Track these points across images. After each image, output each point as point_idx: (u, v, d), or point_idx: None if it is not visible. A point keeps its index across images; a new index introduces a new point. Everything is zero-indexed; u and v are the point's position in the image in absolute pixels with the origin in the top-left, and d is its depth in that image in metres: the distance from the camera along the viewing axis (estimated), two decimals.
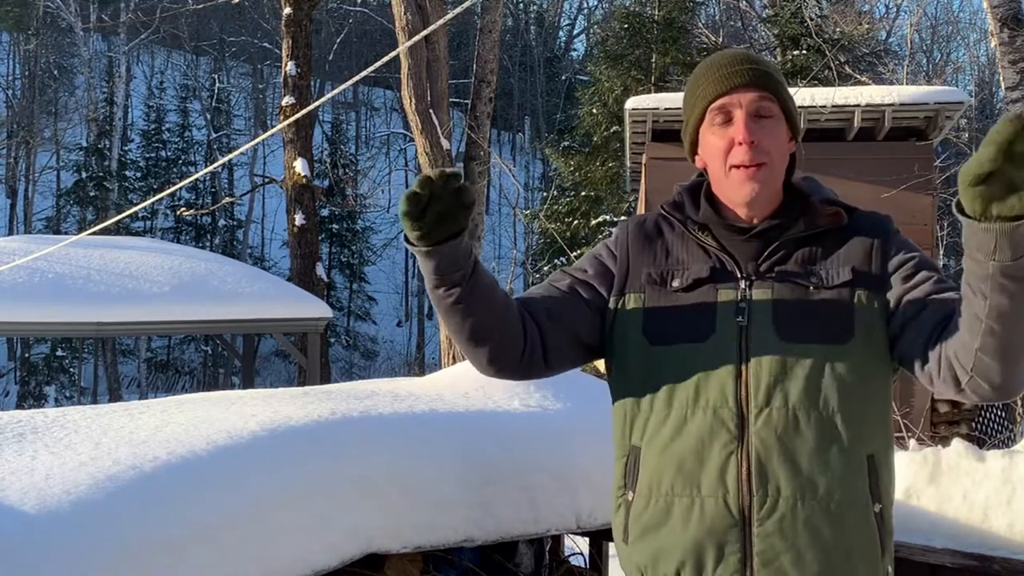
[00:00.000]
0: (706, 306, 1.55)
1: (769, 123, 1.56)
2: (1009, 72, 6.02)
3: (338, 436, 2.37)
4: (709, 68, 1.60)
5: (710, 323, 1.54)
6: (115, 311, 10.52)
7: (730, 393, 1.50)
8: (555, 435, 2.71)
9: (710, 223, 1.60)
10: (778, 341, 1.50)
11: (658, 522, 1.54)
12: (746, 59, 1.59)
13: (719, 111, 1.57)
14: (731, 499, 1.48)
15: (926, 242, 9.34)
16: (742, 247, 1.58)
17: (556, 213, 20.28)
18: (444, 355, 10.36)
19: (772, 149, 1.55)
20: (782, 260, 1.56)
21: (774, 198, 1.60)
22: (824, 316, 1.51)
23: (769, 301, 1.53)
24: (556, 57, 45.10)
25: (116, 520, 1.81)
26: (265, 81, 38.53)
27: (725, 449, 1.49)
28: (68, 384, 25.51)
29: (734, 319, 1.53)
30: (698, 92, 1.60)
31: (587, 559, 3.28)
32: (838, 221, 1.58)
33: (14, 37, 37.10)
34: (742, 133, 1.53)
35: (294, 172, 13.85)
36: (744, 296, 1.54)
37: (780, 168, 1.59)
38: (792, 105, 1.61)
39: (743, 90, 1.55)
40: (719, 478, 1.49)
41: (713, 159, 1.59)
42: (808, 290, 1.52)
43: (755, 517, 1.47)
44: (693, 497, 1.50)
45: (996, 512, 2.65)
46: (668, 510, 1.52)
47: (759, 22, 20.67)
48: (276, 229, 32.91)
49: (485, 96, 11.42)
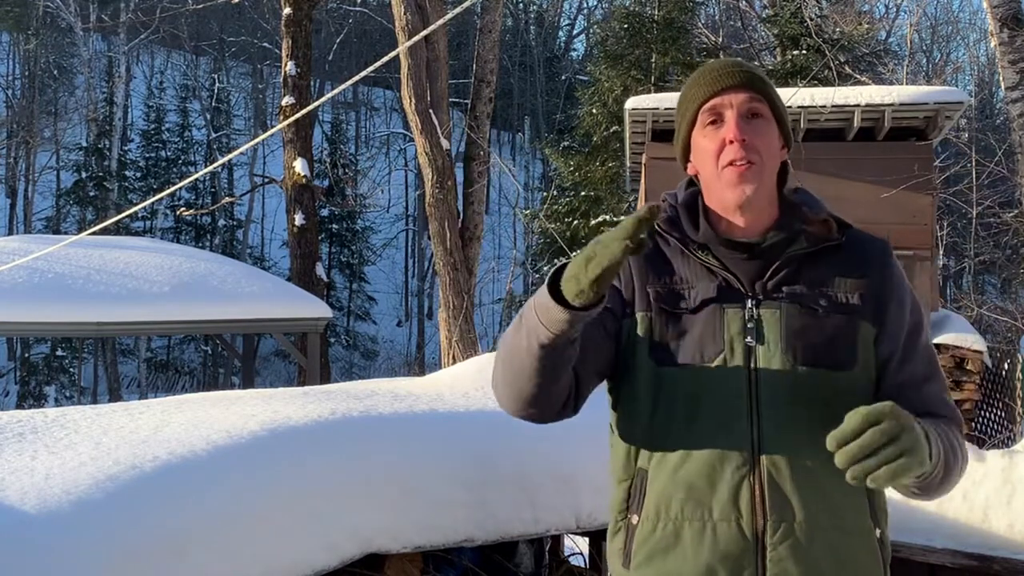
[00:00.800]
0: (714, 327, 1.52)
1: (760, 123, 1.55)
2: (1009, 72, 6.02)
3: (338, 436, 2.37)
4: (700, 74, 1.61)
5: (719, 344, 1.52)
6: (115, 311, 10.52)
7: (743, 416, 1.48)
8: (555, 435, 2.71)
9: (710, 243, 1.57)
10: (788, 363, 1.49)
11: (667, 546, 1.51)
12: (737, 64, 1.59)
13: (710, 112, 1.56)
14: (745, 523, 1.46)
15: (926, 242, 9.34)
16: (744, 265, 1.56)
17: (556, 213, 20.28)
18: (444, 355, 10.36)
19: (763, 149, 1.54)
20: (788, 279, 1.54)
21: (770, 208, 1.58)
22: (832, 340, 1.51)
23: (778, 322, 1.51)
24: (556, 57, 45.09)
25: (116, 520, 1.81)
26: (265, 81, 38.53)
27: (738, 472, 1.47)
28: (68, 384, 25.50)
29: (743, 340, 1.51)
30: (689, 96, 1.60)
31: (587, 559, 3.28)
32: (829, 235, 1.57)
33: (14, 37, 37.09)
34: (733, 131, 1.52)
35: (294, 172, 13.85)
36: (752, 316, 1.52)
37: (771, 170, 1.57)
38: (784, 112, 1.60)
39: (734, 91, 1.55)
40: (732, 502, 1.47)
41: (705, 162, 1.58)
42: (817, 313, 1.52)
43: (768, 541, 1.45)
44: (704, 521, 1.48)
45: (996, 512, 2.65)
46: (678, 534, 1.50)
47: (759, 22, 20.67)
48: (276, 229, 32.91)
49: (485, 96, 11.42)
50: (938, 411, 1.55)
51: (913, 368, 1.55)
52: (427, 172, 10.29)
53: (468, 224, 10.79)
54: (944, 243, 21.59)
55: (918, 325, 1.58)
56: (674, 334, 1.55)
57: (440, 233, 10.25)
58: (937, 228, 11.47)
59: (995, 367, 9.70)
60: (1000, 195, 16.19)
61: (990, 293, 26.04)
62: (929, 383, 1.57)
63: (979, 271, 26.37)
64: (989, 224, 17.80)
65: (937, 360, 1.62)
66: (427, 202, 10.43)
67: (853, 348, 1.51)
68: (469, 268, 10.50)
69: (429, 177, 10.27)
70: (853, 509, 1.49)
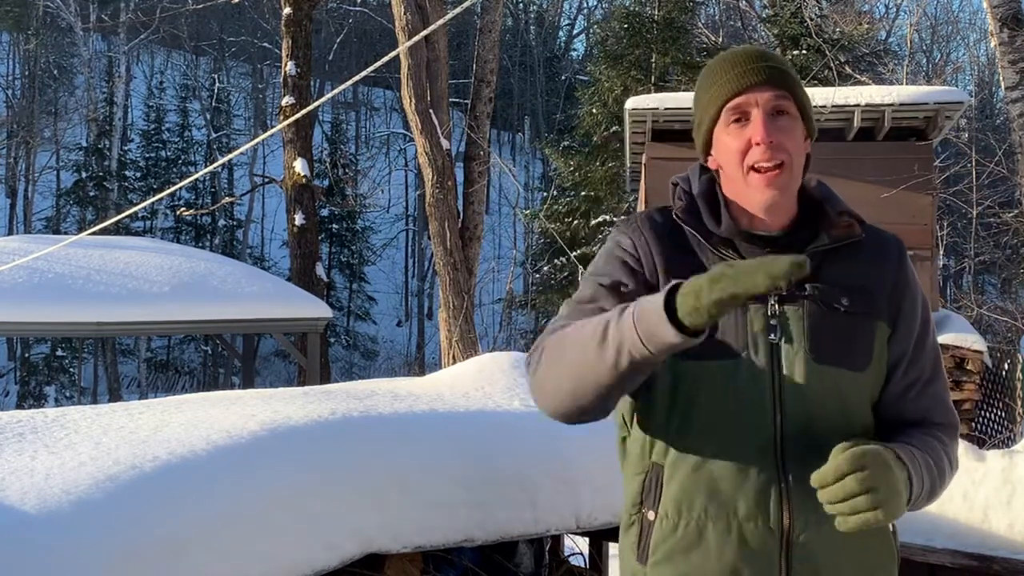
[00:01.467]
0: (736, 322, 1.49)
1: (787, 121, 1.51)
2: (1009, 72, 6.02)
3: (338, 436, 2.37)
4: (723, 66, 1.54)
5: (742, 340, 1.49)
6: (115, 311, 10.53)
7: (767, 414, 1.47)
8: (555, 435, 2.71)
9: (734, 237, 1.54)
10: (811, 362, 1.47)
11: (688, 545, 1.49)
12: (761, 56, 1.54)
13: (735, 110, 1.51)
14: (773, 523, 1.45)
15: (926, 242, 9.34)
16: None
17: (556, 213, 20.28)
18: (444, 355, 10.36)
19: (791, 149, 1.50)
20: (810, 276, 1.49)
21: (792, 203, 1.56)
22: (852, 340, 1.50)
23: (801, 319, 1.49)
24: (556, 57, 45.08)
25: (116, 520, 1.81)
26: (265, 81, 38.52)
27: (764, 473, 1.46)
28: (68, 384, 25.50)
29: (766, 336, 1.48)
30: (712, 91, 1.54)
31: (587, 559, 3.28)
32: (853, 233, 1.55)
33: (14, 37, 37.07)
34: (760, 133, 1.48)
35: (294, 172, 13.86)
36: (775, 312, 1.49)
37: (799, 169, 1.54)
38: (808, 104, 1.56)
39: (760, 88, 1.50)
40: (758, 502, 1.46)
41: (729, 161, 1.53)
42: (839, 311, 1.50)
43: (795, 540, 1.45)
44: (730, 521, 1.46)
45: (996, 512, 2.65)
46: (701, 533, 1.48)
47: (759, 22, 20.66)
48: (276, 229, 32.90)
49: (485, 96, 11.43)
50: (936, 416, 1.56)
51: (920, 369, 1.55)
52: (427, 172, 10.30)
53: (468, 224, 10.79)
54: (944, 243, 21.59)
55: (927, 324, 1.57)
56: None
57: (440, 233, 10.25)
58: (937, 228, 11.47)
59: (995, 367, 9.70)
60: (1000, 195, 16.19)
61: (990, 293, 26.03)
62: (932, 384, 1.56)
63: (979, 271, 26.37)
64: (989, 224, 17.80)
65: (941, 360, 1.61)
66: (427, 202, 10.43)
67: (870, 347, 1.51)
68: (469, 268, 10.50)
69: (429, 177, 10.27)
70: None
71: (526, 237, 28.63)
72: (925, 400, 1.55)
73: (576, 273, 18.05)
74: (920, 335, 1.56)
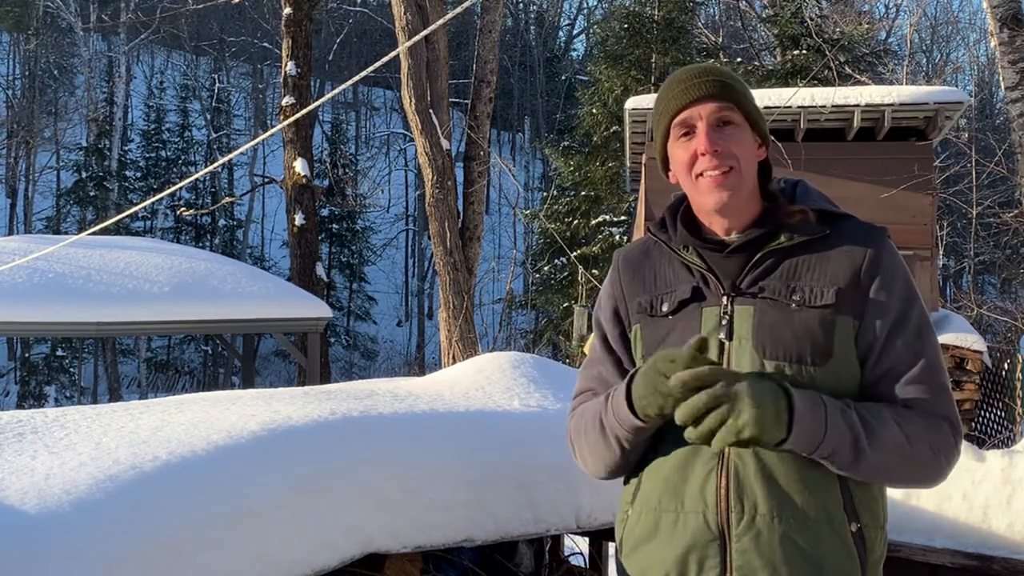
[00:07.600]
0: (692, 326, 1.57)
1: (732, 130, 1.58)
2: (1009, 72, 6.02)
3: (338, 436, 2.37)
4: (670, 84, 1.63)
5: None
6: (115, 311, 10.53)
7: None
8: (555, 435, 2.71)
9: (688, 243, 1.62)
10: (757, 359, 1.52)
11: (647, 536, 1.59)
12: (705, 71, 1.60)
13: (682, 124, 1.59)
14: (710, 515, 1.51)
15: (926, 242, 9.35)
16: (723, 263, 1.59)
17: (556, 213, 20.30)
18: (444, 355, 10.37)
19: (739, 154, 1.57)
20: (764, 275, 1.56)
21: (750, 206, 1.60)
22: (805, 336, 1.51)
23: (750, 318, 1.54)
24: (556, 57, 45.10)
25: (116, 520, 1.81)
26: (265, 81, 38.55)
27: (706, 466, 1.53)
28: (68, 384, 25.51)
29: (716, 337, 1.55)
30: (660, 108, 1.63)
31: (587, 559, 3.28)
32: (808, 224, 1.57)
33: (14, 37, 37.11)
34: (704, 143, 1.56)
35: (294, 172, 13.86)
36: (726, 312, 1.56)
37: (749, 173, 1.59)
38: (756, 112, 1.62)
39: (703, 101, 1.57)
40: (700, 494, 1.52)
41: (681, 172, 1.62)
42: (790, 308, 1.53)
43: (734, 533, 1.50)
44: (678, 512, 1.55)
45: (996, 512, 2.65)
46: (656, 524, 1.58)
47: (759, 22, 20.68)
48: (276, 229, 32.93)
49: (485, 96, 11.42)
50: (918, 405, 1.51)
51: (893, 360, 1.53)
52: (427, 172, 10.30)
53: (468, 224, 10.79)
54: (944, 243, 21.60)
55: (905, 316, 1.54)
56: (659, 337, 1.61)
57: (440, 233, 10.25)
58: (937, 228, 11.48)
59: (995, 367, 9.70)
60: (1000, 195, 16.20)
61: (990, 293, 26.04)
62: (914, 371, 1.52)
63: (979, 271, 26.38)
64: (989, 224, 17.81)
65: (934, 350, 1.57)
66: (427, 202, 10.44)
67: (829, 344, 1.51)
68: (469, 268, 10.50)
69: (429, 177, 10.28)
70: (822, 501, 1.49)
71: (526, 237, 28.65)
72: (902, 390, 1.52)
73: (576, 273, 18.04)
74: (895, 325, 1.54)
